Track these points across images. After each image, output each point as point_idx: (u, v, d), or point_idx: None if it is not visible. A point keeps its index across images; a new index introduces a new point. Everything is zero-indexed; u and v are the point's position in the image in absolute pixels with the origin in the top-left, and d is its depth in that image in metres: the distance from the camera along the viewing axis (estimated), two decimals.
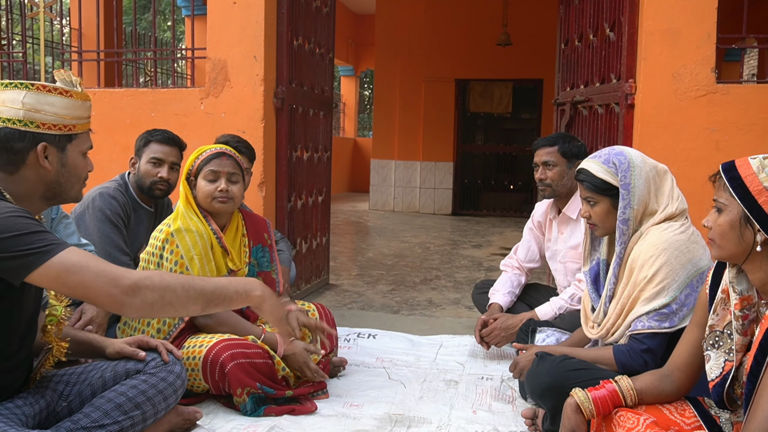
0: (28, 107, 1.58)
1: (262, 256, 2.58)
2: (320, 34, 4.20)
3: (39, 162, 1.60)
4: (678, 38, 3.05)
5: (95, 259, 1.48)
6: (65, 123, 1.63)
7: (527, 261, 3.13)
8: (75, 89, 1.65)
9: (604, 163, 2.06)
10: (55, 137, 1.62)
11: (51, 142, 1.62)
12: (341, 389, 2.55)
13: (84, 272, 1.43)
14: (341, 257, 5.68)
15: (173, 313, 1.55)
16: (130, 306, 1.45)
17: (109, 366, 1.87)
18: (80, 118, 1.67)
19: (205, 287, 1.55)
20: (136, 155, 2.88)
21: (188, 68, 8.04)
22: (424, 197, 9.54)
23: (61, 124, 1.63)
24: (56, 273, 1.42)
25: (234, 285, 1.61)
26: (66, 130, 1.64)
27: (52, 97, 1.60)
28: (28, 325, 1.67)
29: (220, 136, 3.16)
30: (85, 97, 1.68)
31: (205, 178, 2.41)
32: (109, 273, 1.45)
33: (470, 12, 9.02)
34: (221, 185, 2.39)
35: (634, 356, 1.96)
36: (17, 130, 1.58)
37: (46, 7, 4.09)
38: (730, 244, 1.47)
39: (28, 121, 1.58)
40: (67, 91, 1.63)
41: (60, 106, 1.62)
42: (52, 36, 5.84)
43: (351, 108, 15.02)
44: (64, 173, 1.66)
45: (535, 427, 2.17)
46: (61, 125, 1.63)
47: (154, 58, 4.88)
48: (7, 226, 1.43)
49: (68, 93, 1.63)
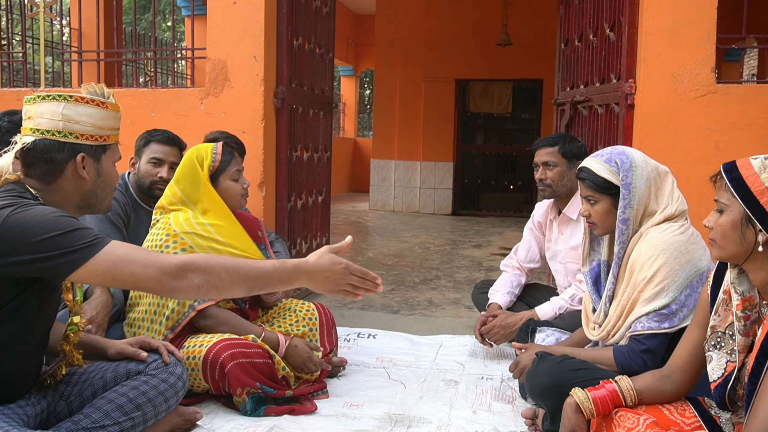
0: (67, 119, 1.62)
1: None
2: (320, 34, 4.20)
3: (77, 172, 1.64)
4: (678, 38, 3.05)
5: (139, 250, 1.53)
6: (101, 134, 1.67)
7: (527, 261, 3.13)
8: (109, 101, 1.68)
9: (606, 162, 2.07)
10: (92, 148, 1.66)
11: (88, 152, 1.65)
12: (341, 389, 2.55)
13: (132, 264, 1.47)
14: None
15: (219, 296, 1.57)
16: (179, 290, 1.50)
17: (110, 367, 1.87)
18: (113, 129, 1.72)
19: (250, 272, 1.55)
20: (136, 155, 2.88)
21: (188, 68, 8.04)
22: (424, 197, 9.54)
23: (97, 134, 1.66)
24: (106, 267, 1.46)
25: (279, 273, 1.59)
26: (101, 141, 1.68)
27: (90, 108, 1.64)
28: (47, 332, 1.70)
29: (209, 134, 3.16)
30: (117, 108, 1.72)
31: (231, 178, 2.49)
32: (156, 262, 1.49)
33: (470, 12, 9.02)
34: (245, 183, 2.53)
35: (633, 357, 1.96)
36: (57, 141, 1.61)
37: (46, 7, 4.09)
38: (731, 244, 1.47)
39: (67, 132, 1.62)
40: (103, 102, 1.66)
41: (97, 117, 1.65)
42: (52, 36, 5.84)
43: (351, 108, 15.02)
44: (100, 183, 1.70)
45: (535, 427, 2.17)
46: (98, 136, 1.67)
47: (154, 58, 4.88)
48: (52, 225, 1.46)
49: (104, 104, 1.67)
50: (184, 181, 2.44)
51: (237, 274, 1.53)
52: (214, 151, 2.48)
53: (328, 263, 1.64)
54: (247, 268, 1.56)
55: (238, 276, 1.54)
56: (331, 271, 1.64)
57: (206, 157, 2.46)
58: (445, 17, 9.13)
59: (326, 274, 1.64)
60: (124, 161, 2.94)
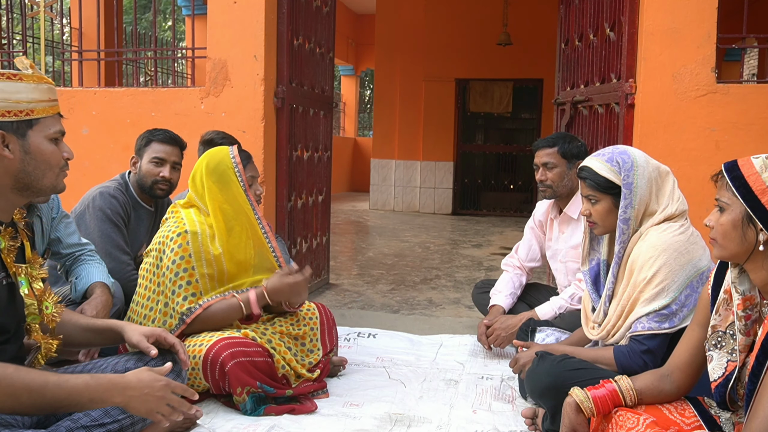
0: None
1: None
2: (320, 34, 4.20)
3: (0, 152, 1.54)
4: (678, 38, 3.05)
5: None
6: (20, 108, 1.55)
7: (528, 260, 3.13)
8: (24, 72, 1.58)
9: (607, 162, 2.07)
10: (12, 124, 1.55)
11: (8, 129, 1.54)
12: (341, 389, 2.55)
13: None
14: (341, 257, 5.69)
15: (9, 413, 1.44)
16: None
17: (110, 365, 1.86)
18: (38, 101, 1.59)
19: (58, 394, 1.46)
20: (137, 154, 2.88)
21: (188, 68, 8.04)
22: (424, 197, 9.55)
23: (15, 110, 1.55)
24: None
25: (91, 391, 1.51)
26: (23, 116, 1.56)
27: (1, 83, 1.53)
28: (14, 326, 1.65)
29: (204, 134, 3.16)
30: (39, 79, 1.59)
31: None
32: None
33: (470, 12, 9.02)
34: (258, 189, 2.53)
35: (633, 357, 1.96)
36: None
37: (46, 6, 4.09)
38: (732, 243, 1.47)
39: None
40: (15, 74, 1.55)
41: (11, 90, 1.54)
42: (53, 35, 5.84)
43: (351, 108, 15.02)
44: (30, 161, 1.58)
45: (535, 426, 2.17)
46: (16, 111, 1.55)
47: (155, 58, 4.88)
48: None
49: (17, 77, 1.55)
50: (217, 184, 2.43)
51: (42, 397, 1.44)
52: (231, 155, 2.46)
53: (149, 380, 1.58)
54: (54, 387, 1.47)
55: (42, 399, 1.44)
56: (150, 388, 1.57)
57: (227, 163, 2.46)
58: (445, 17, 9.13)
59: (145, 391, 1.56)
60: (124, 160, 2.96)
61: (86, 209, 2.75)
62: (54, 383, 1.48)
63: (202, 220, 2.40)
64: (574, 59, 3.90)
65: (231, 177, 2.41)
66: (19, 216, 1.73)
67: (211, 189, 2.41)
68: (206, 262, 2.35)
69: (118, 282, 2.62)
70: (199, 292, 2.34)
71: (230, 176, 2.41)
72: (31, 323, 1.70)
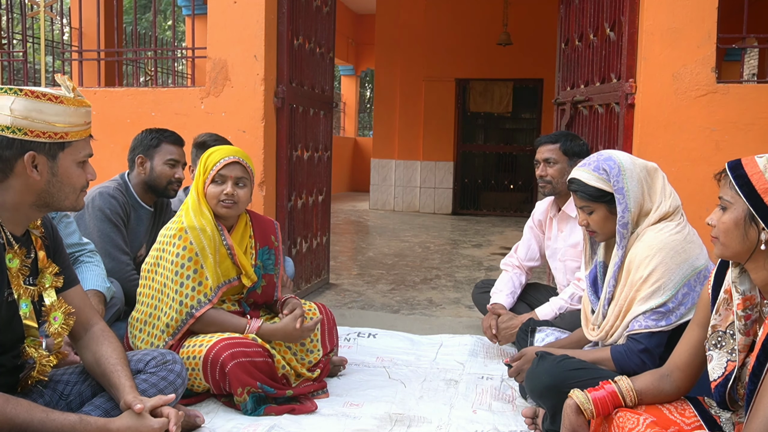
0: (16, 114, 1.51)
1: (267, 258, 2.56)
2: (321, 34, 4.20)
3: (27, 171, 1.54)
4: (678, 38, 3.05)
5: None
6: (56, 131, 1.56)
7: (527, 259, 3.13)
8: (67, 95, 1.57)
9: (594, 171, 2.07)
10: (45, 145, 1.55)
11: (40, 150, 1.54)
12: (341, 389, 2.55)
13: None
14: (341, 257, 5.68)
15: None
16: None
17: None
18: (74, 125, 1.59)
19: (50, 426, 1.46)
20: (144, 155, 2.84)
21: (188, 68, 8.04)
22: (424, 197, 9.55)
23: (51, 131, 1.55)
24: None
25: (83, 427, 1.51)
26: (57, 138, 1.56)
27: (41, 103, 1.53)
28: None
29: (197, 136, 3.16)
30: (79, 103, 1.60)
31: (213, 180, 2.40)
32: None
33: (470, 12, 9.02)
34: (227, 189, 2.38)
35: (631, 356, 1.96)
36: (4, 138, 1.51)
37: (46, 6, 4.09)
38: (733, 242, 1.47)
39: (16, 128, 1.51)
40: (57, 97, 1.55)
41: (50, 113, 1.54)
42: (53, 35, 5.83)
43: (351, 107, 15.02)
44: (55, 183, 1.59)
45: (535, 426, 2.17)
46: (51, 133, 1.55)
47: (155, 58, 4.88)
48: None
49: (58, 99, 1.55)
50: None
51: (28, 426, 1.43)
52: (218, 160, 2.42)
53: (137, 425, 1.57)
54: (39, 425, 1.45)
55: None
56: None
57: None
58: (445, 17, 9.14)
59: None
60: (124, 160, 2.95)
61: (86, 209, 2.74)
62: (39, 421, 1.47)
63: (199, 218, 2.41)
64: (574, 59, 3.90)
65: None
66: (36, 224, 1.71)
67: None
68: (209, 248, 2.36)
69: (117, 282, 2.62)
70: (205, 279, 2.34)
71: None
72: (28, 347, 1.66)
